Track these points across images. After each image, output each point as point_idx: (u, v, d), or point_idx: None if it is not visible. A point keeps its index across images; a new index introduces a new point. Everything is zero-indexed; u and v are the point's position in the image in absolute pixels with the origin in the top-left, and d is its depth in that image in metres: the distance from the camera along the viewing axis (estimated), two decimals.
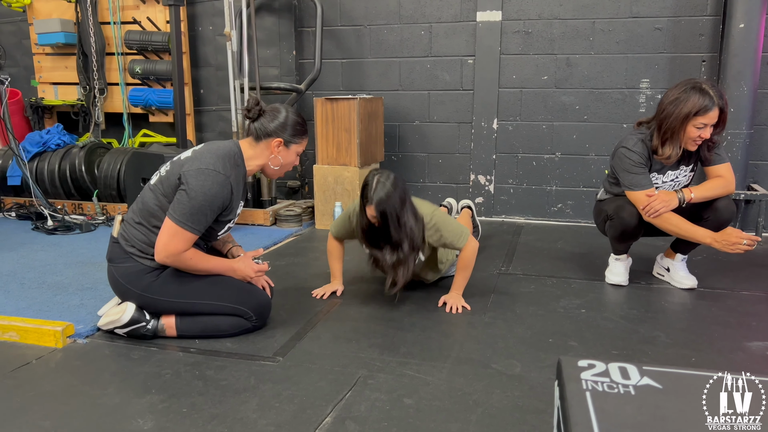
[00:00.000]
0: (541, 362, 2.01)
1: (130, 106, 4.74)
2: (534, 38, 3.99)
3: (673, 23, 3.75)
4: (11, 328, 2.22)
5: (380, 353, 2.08)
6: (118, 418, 1.68)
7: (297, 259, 3.27)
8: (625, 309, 2.49)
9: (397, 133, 4.38)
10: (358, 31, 4.32)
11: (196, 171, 2.03)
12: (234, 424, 1.64)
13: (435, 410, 1.71)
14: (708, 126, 2.43)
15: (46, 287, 2.75)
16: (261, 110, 2.18)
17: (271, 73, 4.49)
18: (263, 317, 2.26)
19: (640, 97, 3.87)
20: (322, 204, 3.97)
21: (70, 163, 4.31)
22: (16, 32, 5.10)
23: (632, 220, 2.61)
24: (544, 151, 4.11)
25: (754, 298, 2.61)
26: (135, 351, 2.11)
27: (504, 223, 4.18)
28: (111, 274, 2.18)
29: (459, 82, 4.18)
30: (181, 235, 2.02)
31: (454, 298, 2.51)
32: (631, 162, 2.56)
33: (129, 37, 4.54)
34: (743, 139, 3.53)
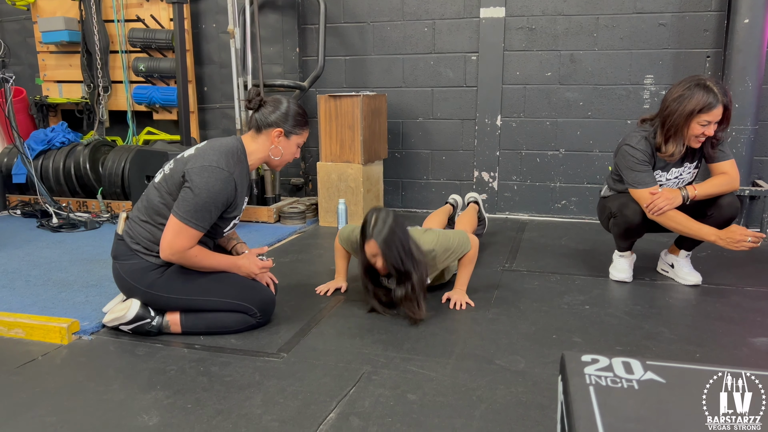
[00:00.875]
0: (545, 358, 2.01)
1: (134, 104, 4.75)
2: (538, 34, 3.98)
3: (677, 19, 3.73)
4: (17, 325, 2.23)
5: (384, 349, 2.08)
6: (123, 413, 1.69)
7: (301, 256, 3.28)
8: (629, 305, 2.49)
9: (401, 130, 4.38)
10: (361, 28, 4.31)
11: (200, 168, 2.04)
12: (238, 420, 1.64)
13: (439, 406, 1.71)
14: (712, 123, 2.42)
15: (52, 284, 2.76)
16: (262, 101, 2.20)
17: (274, 71, 4.49)
18: (267, 314, 2.27)
19: (645, 93, 3.86)
20: (325, 201, 3.97)
21: (74, 161, 4.33)
22: (20, 30, 5.12)
23: (636, 217, 2.60)
24: (547, 147, 4.10)
25: (759, 294, 2.60)
26: (140, 347, 2.12)
27: (508, 219, 4.18)
28: (116, 271, 2.19)
29: (462, 79, 4.18)
30: (186, 232, 2.03)
31: (458, 294, 2.52)
32: (634, 160, 2.55)
33: (133, 35, 4.55)
34: (748, 135, 3.52)
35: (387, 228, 2.20)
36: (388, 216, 2.25)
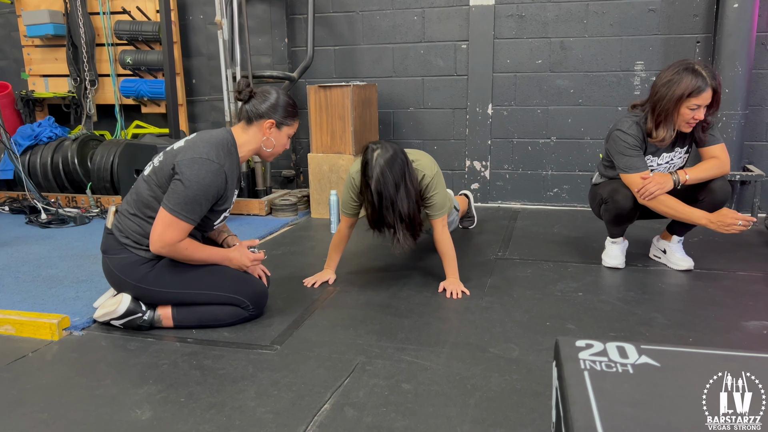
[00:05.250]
0: (539, 345, 2.01)
1: (121, 98, 4.70)
2: (527, 22, 3.96)
3: (666, 4, 3.73)
4: (7, 322, 2.21)
5: (378, 339, 2.08)
6: (116, 408, 1.67)
7: (293, 248, 3.26)
8: (622, 291, 2.49)
9: (392, 120, 4.36)
10: (350, 17, 4.28)
11: (190, 160, 2.02)
12: (232, 413, 1.64)
13: (433, 395, 1.71)
14: (701, 107, 2.42)
15: (41, 280, 2.73)
16: (252, 92, 2.18)
17: (263, 62, 4.45)
18: (260, 306, 2.25)
19: (635, 80, 3.86)
20: (317, 193, 3.96)
21: (62, 156, 4.28)
22: (4, 24, 5.04)
23: (627, 202, 2.60)
24: (539, 135, 4.10)
25: (750, 278, 2.62)
26: (131, 342, 2.10)
27: (500, 208, 4.17)
28: (106, 265, 2.17)
29: (453, 68, 4.16)
30: (176, 225, 2.01)
31: (453, 283, 2.51)
32: (626, 144, 2.55)
33: (119, 28, 4.49)
34: (738, 119, 3.52)
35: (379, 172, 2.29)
36: (386, 152, 2.31)
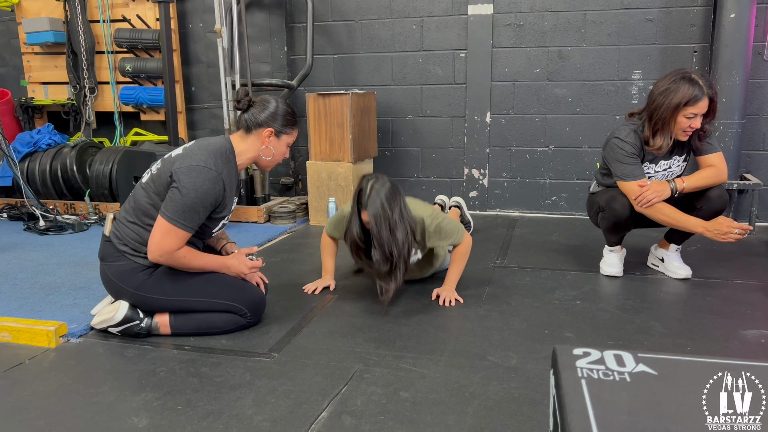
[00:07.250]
0: (537, 354, 2.01)
1: (121, 105, 4.70)
2: (526, 31, 3.98)
3: (664, 14, 3.75)
4: (4, 329, 2.20)
5: (376, 347, 2.07)
6: (113, 416, 1.67)
7: (291, 256, 3.26)
8: (621, 300, 2.49)
9: (390, 128, 4.37)
10: (349, 26, 4.30)
11: (188, 168, 2.02)
12: (230, 421, 1.63)
13: (431, 403, 1.70)
14: (698, 116, 2.43)
15: (39, 287, 2.73)
16: (251, 101, 2.18)
17: (262, 70, 4.47)
18: (258, 313, 2.25)
19: (633, 89, 3.88)
20: (315, 200, 3.96)
21: (61, 163, 4.28)
22: (4, 32, 5.06)
23: (624, 211, 2.61)
24: (537, 144, 4.11)
25: (748, 287, 2.62)
26: (129, 349, 2.09)
27: (498, 216, 4.18)
28: (103, 272, 2.16)
29: (451, 76, 4.17)
30: (174, 233, 2.01)
31: (447, 291, 2.51)
32: (623, 152, 2.56)
33: (119, 35, 4.51)
34: (735, 129, 3.53)
35: (378, 202, 2.21)
36: (384, 185, 2.25)
